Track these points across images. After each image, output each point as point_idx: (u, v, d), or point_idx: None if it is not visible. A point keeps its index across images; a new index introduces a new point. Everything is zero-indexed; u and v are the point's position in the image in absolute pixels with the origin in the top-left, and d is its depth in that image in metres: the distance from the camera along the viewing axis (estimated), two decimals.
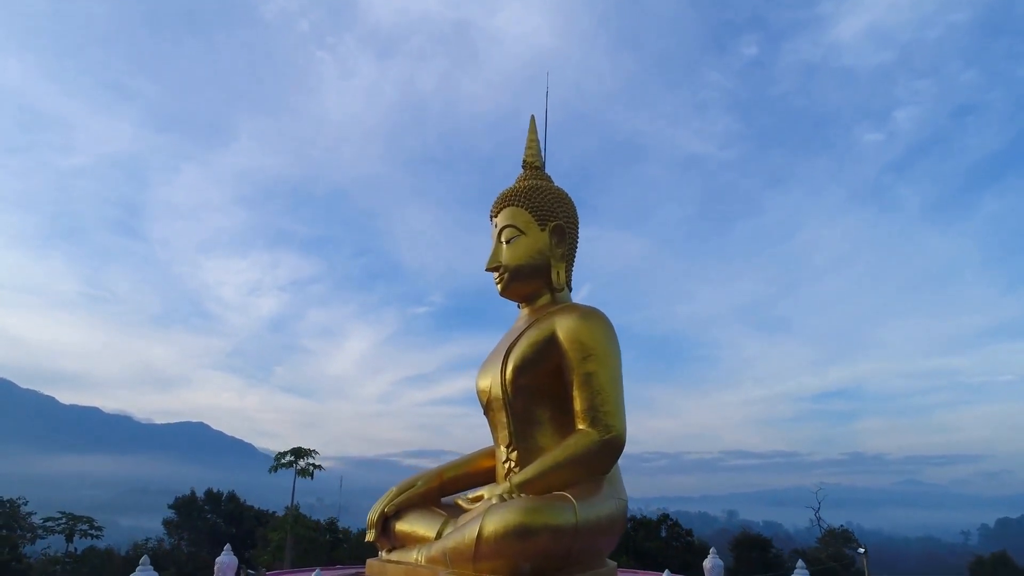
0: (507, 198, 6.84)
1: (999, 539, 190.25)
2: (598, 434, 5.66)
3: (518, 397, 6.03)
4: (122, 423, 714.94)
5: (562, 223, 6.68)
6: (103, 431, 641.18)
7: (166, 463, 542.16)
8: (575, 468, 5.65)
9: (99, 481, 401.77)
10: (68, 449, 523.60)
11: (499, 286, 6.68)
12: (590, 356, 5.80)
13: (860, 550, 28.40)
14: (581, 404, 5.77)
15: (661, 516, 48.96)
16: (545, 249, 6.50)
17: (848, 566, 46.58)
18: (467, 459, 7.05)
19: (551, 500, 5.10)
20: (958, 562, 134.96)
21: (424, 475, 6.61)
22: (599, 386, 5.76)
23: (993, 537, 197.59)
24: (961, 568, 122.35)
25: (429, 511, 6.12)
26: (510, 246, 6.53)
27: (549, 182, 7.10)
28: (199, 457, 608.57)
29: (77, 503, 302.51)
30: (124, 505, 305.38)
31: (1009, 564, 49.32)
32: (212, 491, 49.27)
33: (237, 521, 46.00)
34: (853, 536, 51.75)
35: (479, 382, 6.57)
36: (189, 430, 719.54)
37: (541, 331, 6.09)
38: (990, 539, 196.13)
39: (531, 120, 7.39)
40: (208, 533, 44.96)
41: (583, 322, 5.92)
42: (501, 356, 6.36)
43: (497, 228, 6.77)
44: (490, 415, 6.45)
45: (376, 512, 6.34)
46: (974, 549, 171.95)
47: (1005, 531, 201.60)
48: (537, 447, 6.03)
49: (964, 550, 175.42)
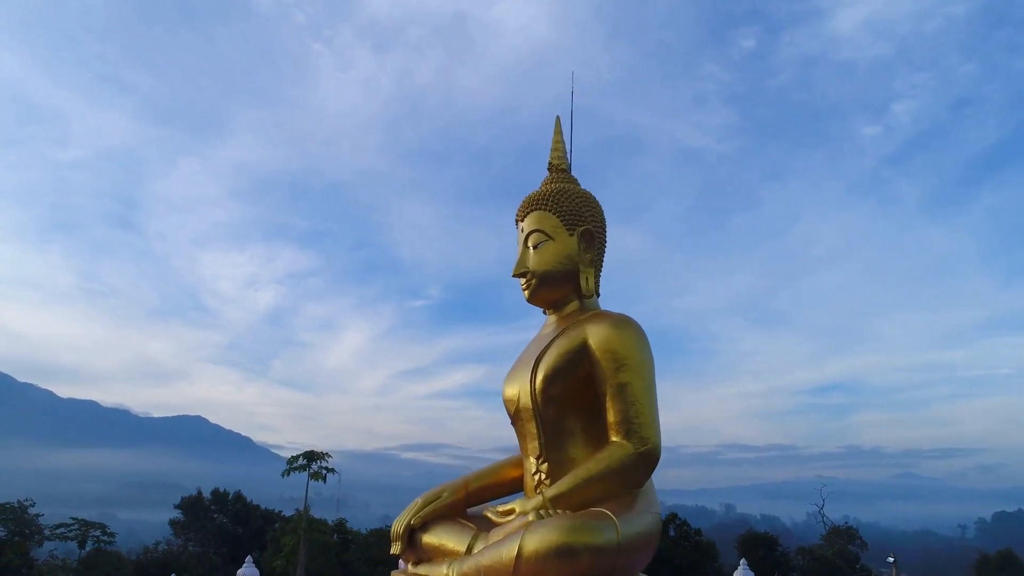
0: (534, 202, 6.55)
1: (996, 533, 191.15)
2: (633, 447, 5.46)
3: (548, 407, 5.83)
4: (120, 417, 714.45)
5: (591, 227, 6.45)
6: (101, 425, 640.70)
7: (164, 456, 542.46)
8: (610, 482, 5.44)
9: (97, 475, 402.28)
10: (66, 443, 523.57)
11: (526, 292, 6.46)
12: (624, 366, 5.60)
13: (890, 559, 28.19)
14: (615, 415, 5.56)
15: (670, 515, 48.94)
16: (573, 254, 6.27)
17: (852, 563, 46.69)
18: (492, 469, 6.83)
19: (592, 518, 4.90)
20: (955, 555, 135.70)
21: (449, 486, 6.38)
22: (633, 397, 5.56)
23: (990, 531, 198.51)
24: (958, 561, 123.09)
25: (457, 523, 5.91)
26: (537, 251, 6.30)
27: (576, 185, 6.88)
28: (197, 450, 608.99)
29: (76, 497, 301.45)
30: (123, 499, 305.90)
31: (1015, 562, 49.34)
32: (219, 491, 49.04)
33: (244, 521, 45.88)
34: (857, 533, 51.86)
35: (506, 391, 6.35)
36: (187, 423, 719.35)
37: (571, 340, 5.87)
38: (987, 533, 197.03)
39: (556, 121, 7.15)
40: (215, 533, 44.81)
41: (616, 330, 5.72)
42: (529, 365, 6.15)
43: (524, 232, 6.55)
44: (518, 425, 6.23)
45: (402, 524, 6.11)
46: (971, 543, 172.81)
47: (1002, 525, 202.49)
48: (568, 459, 5.82)
49: (961, 543, 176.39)
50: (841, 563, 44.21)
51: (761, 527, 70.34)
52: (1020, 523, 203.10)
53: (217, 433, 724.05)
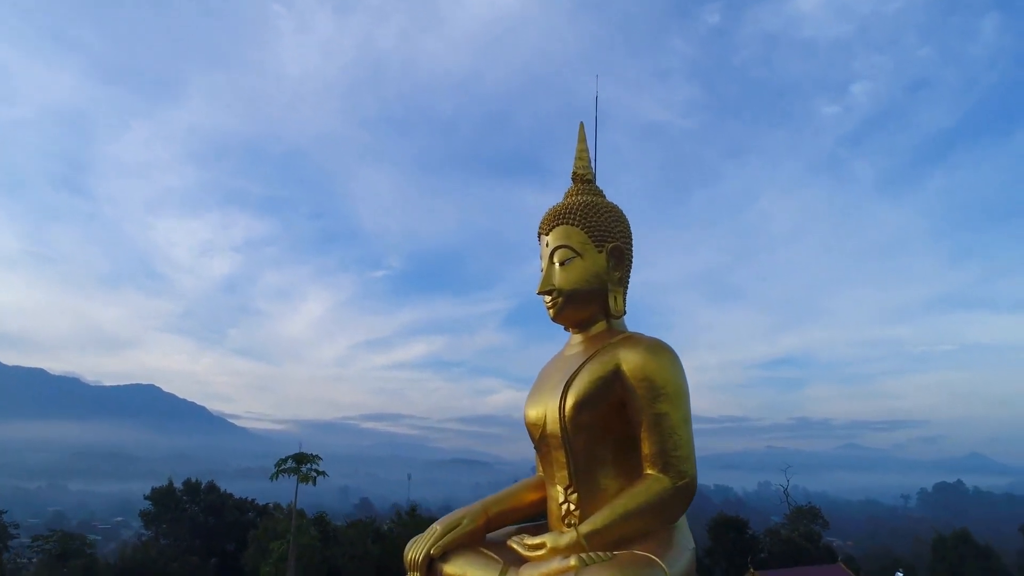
0: (560, 215, 6.16)
1: (937, 503, 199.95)
2: (671, 481, 5.24)
3: (578, 436, 5.56)
4: (70, 385, 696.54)
5: (620, 244, 6.15)
6: (50, 393, 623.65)
7: (117, 427, 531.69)
8: (646, 518, 5.23)
9: (47, 445, 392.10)
10: (13, 412, 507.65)
11: (551, 311, 6.14)
12: (661, 396, 5.35)
13: (899, 574, 28.81)
14: (651, 447, 5.32)
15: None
16: (602, 273, 5.96)
17: (815, 541, 48.13)
18: (511, 493, 6.55)
19: (642, 566, 4.67)
20: (898, 524, 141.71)
21: (469, 512, 6.08)
22: (671, 428, 5.32)
23: (931, 501, 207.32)
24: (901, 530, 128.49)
25: (481, 555, 5.63)
26: (564, 268, 5.97)
27: (603, 197, 6.55)
28: (151, 420, 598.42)
29: (23, 468, 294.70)
30: (73, 470, 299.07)
31: (969, 541, 51.20)
32: (191, 481, 47.79)
33: (218, 512, 44.79)
34: (820, 513, 53.47)
35: (529, 413, 6.06)
36: (140, 392, 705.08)
37: (604, 365, 5.58)
38: (928, 503, 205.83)
39: (580, 128, 6.79)
40: (188, 525, 43.66)
41: (652, 358, 5.45)
42: (556, 388, 5.85)
43: (549, 248, 6.21)
44: (543, 450, 5.95)
45: (420, 552, 5.81)
46: (913, 512, 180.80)
47: (942, 495, 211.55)
48: (599, 489, 5.58)
49: (904, 513, 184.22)
50: (806, 543, 45.56)
51: (715, 498, 72.25)
52: (959, 494, 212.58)
53: (171, 403, 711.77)
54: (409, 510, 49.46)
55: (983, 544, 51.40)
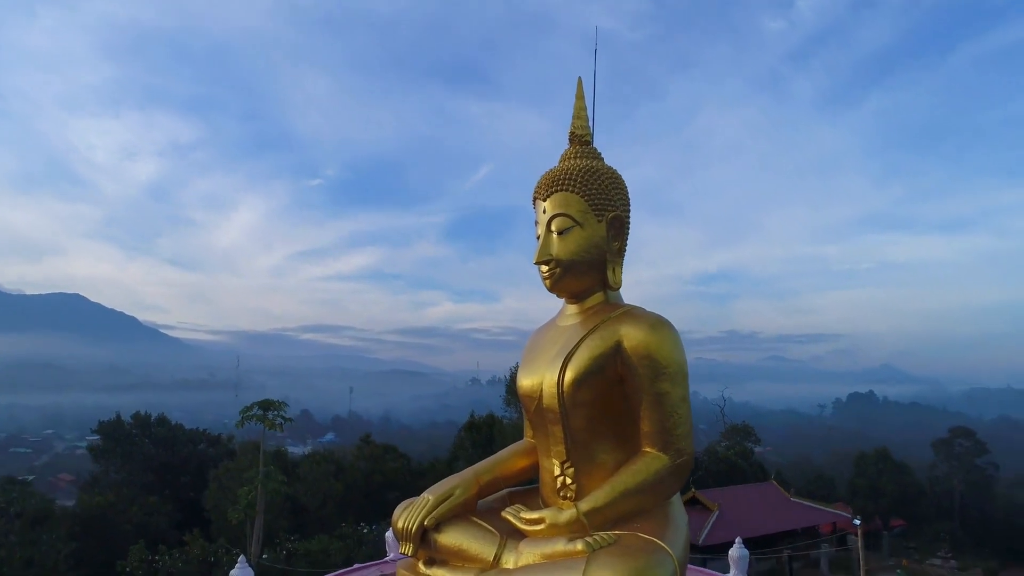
0: (558, 181, 5.84)
1: (849, 411, 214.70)
2: (670, 459, 5.33)
3: (576, 412, 5.54)
4: None
5: (621, 214, 5.95)
6: None
7: (43, 337, 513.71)
8: (646, 496, 5.31)
9: None
10: None
11: (547, 281, 5.97)
12: (662, 374, 5.34)
13: (856, 521, 30.29)
14: (651, 425, 5.36)
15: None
16: (602, 243, 5.78)
17: (748, 457, 51.11)
18: (501, 460, 6.54)
19: (652, 553, 4.77)
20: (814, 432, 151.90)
21: (461, 482, 6.05)
22: (672, 407, 5.35)
23: (844, 410, 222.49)
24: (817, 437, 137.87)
25: (477, 527, 5.66)
26: (563, 238, 5.76)
27: (602, 161, 6.29)
28: (78, 331, 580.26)
29: None
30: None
31: (888, 458, 55.12)
32: (140, 414, 46.38)
33: (171, 446, 43.84)
34: (753, 431, 56.51)
35: (523, 382, 5.99)
36: (64, 302, 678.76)
37: (604, 341, 5.51)
38: (842, 411, 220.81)
39: (578, 83, 6.44)
40: (141, 461, 42.60)
41: (654, 335, 5.39)
42: (553, 361, 5.76)
43: (547, 215, 5.97)
44: (538, 422, 5.92)
45: (414, 522, 5.78)
46: (828, 421, 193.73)
47: (854, 404, 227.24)
48: (595, 463, 5.63)
49: (820, 421, 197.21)
50: (741, 461, 48.32)
51: None
52: (870, 403, 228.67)
53: (99, 312, 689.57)
54: (364, 437, 49.94)
55: (899, 460, 55.72)
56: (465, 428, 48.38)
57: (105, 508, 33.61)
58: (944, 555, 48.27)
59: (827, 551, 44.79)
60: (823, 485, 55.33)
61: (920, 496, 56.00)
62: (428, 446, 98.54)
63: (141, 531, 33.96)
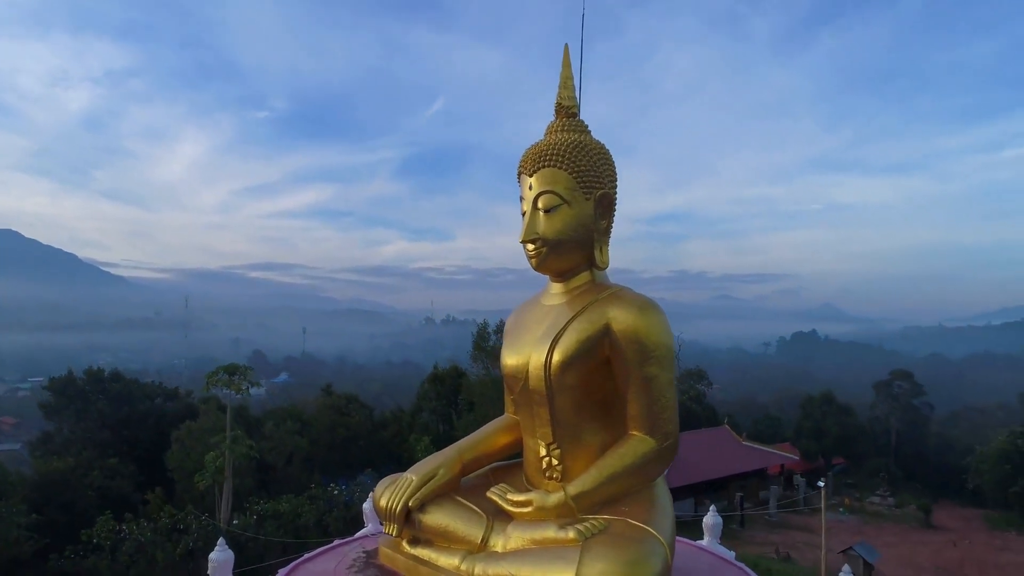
0: (545, 156, 5.59)
1: (793, 350, 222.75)
2: (656, 443, 5.37)
3: (563, 394, 5.52)
4: None
5: (609, 191, 5.79)
6: None
7: None
8: (632, 478, 5.33)
9: None
10: None
11: (533, 260, 5.83)
12: (651, 358, 5.32)
13: (820, 483, 31.23)
14: (638, 409, 5.38)
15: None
16: (589, 222, 5.62)
17: (700, 400, 52.60)
18: (484, 437, 6.50)
19: (645, 544, 4.83)
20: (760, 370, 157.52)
21: (444, 461, 6.01)
22: (659, 391, 5.36)
23: (788, 348, 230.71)
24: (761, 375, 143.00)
25: (462, 507, 5.67)
26: (550, 216, 5.58)
27: (589, 135, 6.08)
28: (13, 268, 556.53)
29: None
30: None
31: (833, 402, 57.39)
32: (92, 368, 44.59)
33: (127, 402, 42.30)
34: (705, 374, 58.11)
35: (508, 360, 5.91)
36: None
37: (592, 323, 5.45)
38: (786, 349, 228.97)
39: (565, 51, 6.17)
40: (96, 418, 40.97)
41: (642, 318, 5.35)
42: (540, 342, 5.66)
43: (533, 192, 5.77)
44: (523, 402, 5.88)
45: (398, 503, 5.75)
46: (773, 359, 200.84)
47: (798, 343, 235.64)
48: (582, 445, 5.65)
49: (764, 359, 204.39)
50: (695, 405, 49.74)
51: None
52: (813, 341, 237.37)
53: (34, 249, 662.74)
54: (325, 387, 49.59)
55: (843, 402, 58.17)
56: (429, 380, 48.44)
57: (66, 473, 32.51)
58: (883, 493, 51.22)
59: (775, 491, 46.95)
60: (770, 425, 57.51)
61: (860, 435, 58.75)
62: (385, 386, 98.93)
63: (104, 496, 32.76)
